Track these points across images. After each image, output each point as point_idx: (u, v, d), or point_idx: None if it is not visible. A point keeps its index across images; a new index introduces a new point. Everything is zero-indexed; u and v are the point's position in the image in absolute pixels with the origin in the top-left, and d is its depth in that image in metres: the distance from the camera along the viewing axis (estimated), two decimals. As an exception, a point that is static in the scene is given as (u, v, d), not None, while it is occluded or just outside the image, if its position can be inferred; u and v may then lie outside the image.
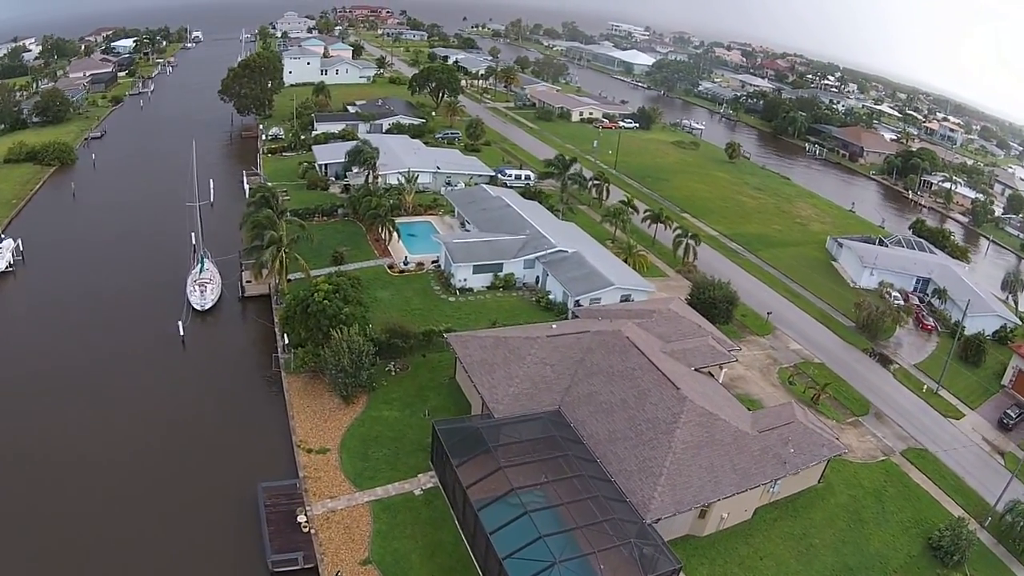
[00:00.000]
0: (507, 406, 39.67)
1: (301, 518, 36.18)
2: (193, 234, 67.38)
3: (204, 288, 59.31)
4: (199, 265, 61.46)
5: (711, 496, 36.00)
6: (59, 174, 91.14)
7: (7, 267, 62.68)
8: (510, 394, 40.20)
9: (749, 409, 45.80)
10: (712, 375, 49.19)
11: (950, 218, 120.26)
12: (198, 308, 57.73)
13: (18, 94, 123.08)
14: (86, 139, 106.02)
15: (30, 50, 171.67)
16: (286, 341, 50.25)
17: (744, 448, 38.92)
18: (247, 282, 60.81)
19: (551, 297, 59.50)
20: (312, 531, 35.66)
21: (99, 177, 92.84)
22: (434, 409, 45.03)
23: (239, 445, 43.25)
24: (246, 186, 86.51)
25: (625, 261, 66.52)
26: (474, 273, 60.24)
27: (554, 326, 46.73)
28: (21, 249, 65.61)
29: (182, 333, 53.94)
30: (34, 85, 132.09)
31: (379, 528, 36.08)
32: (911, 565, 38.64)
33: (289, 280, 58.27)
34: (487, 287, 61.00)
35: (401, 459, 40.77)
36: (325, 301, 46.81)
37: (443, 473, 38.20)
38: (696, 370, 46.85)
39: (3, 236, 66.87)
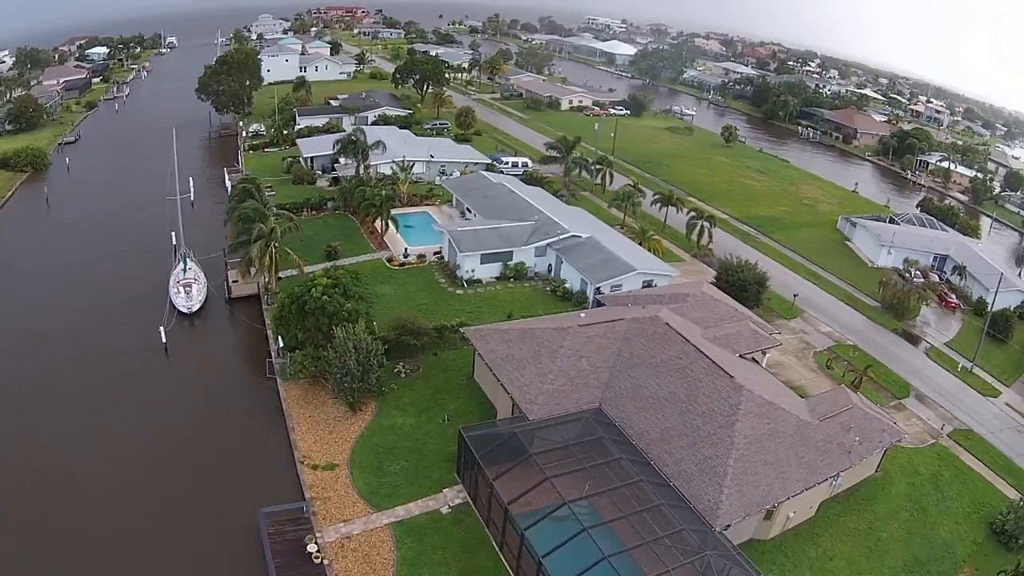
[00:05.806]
0: (542, 406, 34.74)
1: (312, 547, 31.03)
2: (174, 233, 62.16)
3: (189, 289, 54.07)
4: (181, 264, 56.20)
5: (780, 494, 32.12)
6: (32, 180, 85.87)
7: None
8: (544, 392, 35.23)
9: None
10: (756, 361, 44.91)
11: (949, 196, 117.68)
12: (184, 311, 52.42)
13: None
14: (60, 144, 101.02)
15: (4, 62, 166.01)
16: (280, 344, 44.88)
17: (808, 439, 35.07)
18: (234, 282, 55.49)
19: (567, 286, 54.66)
20: (326, 562, 30.50)
21: (73, 181, 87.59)
22: (454, 414, 40.05)
23: (234, 464, 37.68)
24: (228, 184, 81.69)
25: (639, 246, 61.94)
26: (482, 263, 55.29)
27: (583, 315, 41.92)
28: None
29: (164, 340, 48.44)
30: (7, 94, 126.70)
31: (404, 555, 31.06)
32: (978, 552, 36.46)
33: (280, 278, 53.06)
34: (496, 277, 56.10)
35: (422, 472, 35.74)
36: (324, 297, 41.54)
37: (474, 487, 33.24)
38: (740, 356, 42.56)
39: None
